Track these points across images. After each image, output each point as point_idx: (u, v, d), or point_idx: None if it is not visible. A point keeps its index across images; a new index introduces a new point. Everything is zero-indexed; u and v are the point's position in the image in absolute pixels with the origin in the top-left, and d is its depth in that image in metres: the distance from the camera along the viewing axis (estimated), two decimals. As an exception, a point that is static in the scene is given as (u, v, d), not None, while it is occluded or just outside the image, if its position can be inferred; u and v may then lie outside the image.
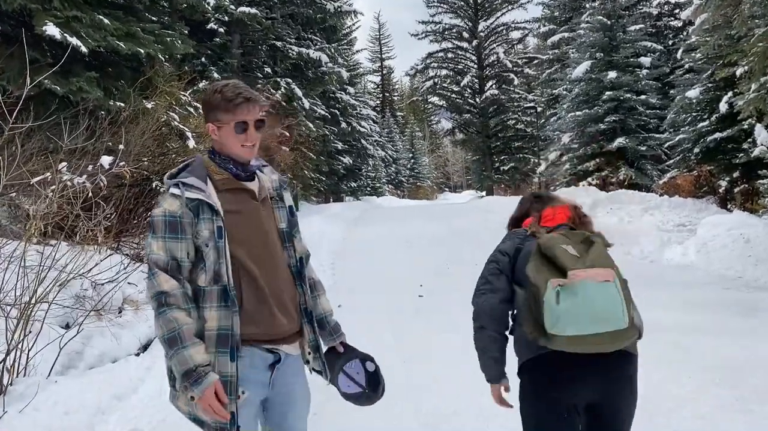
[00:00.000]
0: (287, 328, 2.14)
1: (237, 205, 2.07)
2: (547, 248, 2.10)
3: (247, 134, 2.05)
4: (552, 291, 1.99)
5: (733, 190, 15.24)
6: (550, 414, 2.18)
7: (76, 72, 8.44)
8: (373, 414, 3.90)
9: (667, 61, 20.09)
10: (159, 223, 1.99)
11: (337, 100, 26.28)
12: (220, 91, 2.05)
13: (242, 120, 2.03)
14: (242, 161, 2.09)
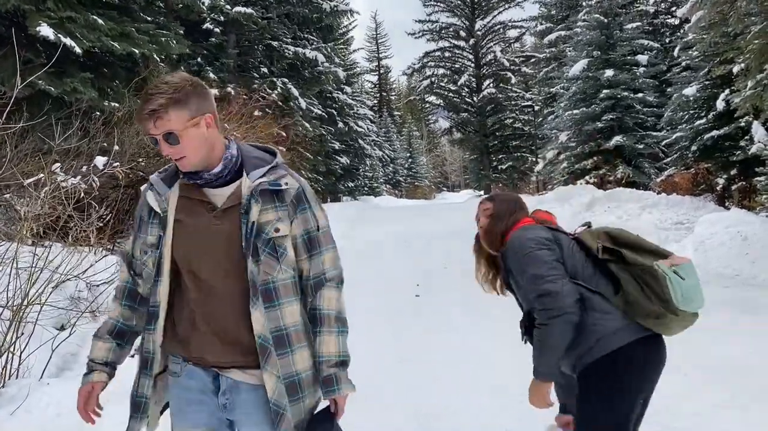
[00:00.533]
0: (230, 358, 1.86)
1: (186, 215, 1.87)
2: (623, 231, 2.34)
3: (162, 147, 1.80)
4: (670, 269, 2.12)
5: (730, 187, 15.25)
6: (637, 398, 2.18)
7: (71, 73, 8.42)
8: (371, 413, 3.88)
9: (664, 59, 20.08)
10: (136, 217, 1.98)
11: (334, 100, 26.25)
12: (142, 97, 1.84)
13: (151, 135, 1.80)
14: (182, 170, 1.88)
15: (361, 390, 4.50)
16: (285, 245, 1.86)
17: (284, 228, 1.86)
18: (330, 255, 1.94)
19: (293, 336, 1.86)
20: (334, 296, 1.91)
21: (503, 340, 5.21)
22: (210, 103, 1.85)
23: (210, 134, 1.82)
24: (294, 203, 1.88)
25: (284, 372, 1.83)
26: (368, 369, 4.80)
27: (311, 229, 1.90)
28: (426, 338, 5.55)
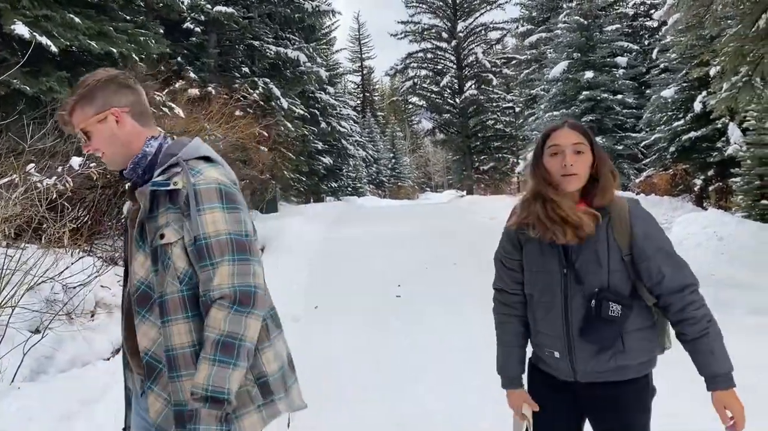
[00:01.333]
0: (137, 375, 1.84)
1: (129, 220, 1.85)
2: None
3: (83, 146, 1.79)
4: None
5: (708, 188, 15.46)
6: None
7: (47, 71, 8.30)
8: (346, 415, 3.88)
9: (643, 61, 20.32)
10: None
11: (316, 100, 26.16)
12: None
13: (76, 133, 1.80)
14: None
15: (339, 389, 4.51)
16: (170, 254, 1.65)
17: (170, 235, 1.66)
18: (225, 270, 1.62)
19: (180, 359, 1.64)
20: (220, 317, 1.59)
21: (482, 341, 5.23)
22: (121, 98, 1.76)
23: (122, 129, 1.75)
24: (186, 204, 1.65)
25: (174, 399, 1.64)
26: (347, 369, 4.80)
27: (199, 237, 1.63)
28: (405, 338, 5.55)
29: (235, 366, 1.59)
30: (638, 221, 1.88)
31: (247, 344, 1.62)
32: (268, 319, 1.82)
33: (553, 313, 1.95)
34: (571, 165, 1.89)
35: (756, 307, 6.05)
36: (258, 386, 1.74)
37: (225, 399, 1.57)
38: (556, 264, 1.93)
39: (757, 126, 11.92)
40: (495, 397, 3.96)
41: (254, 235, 1.76)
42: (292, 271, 9.18)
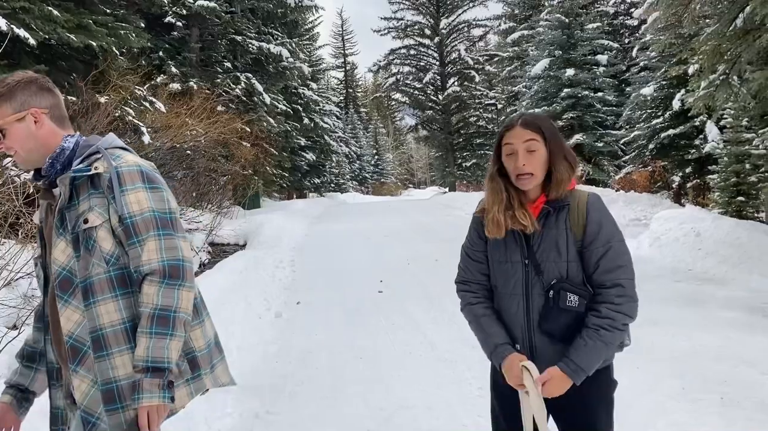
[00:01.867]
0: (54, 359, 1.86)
1: (45, 220, 1.87)
2: None
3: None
4: None
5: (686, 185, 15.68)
6: None
7: (24, 64, 8.18)
8: (325, 409, 3.90)
9: (623, 59, 20.54)
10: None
11: (299, 96, 26.05)
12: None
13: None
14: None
15: (319, 383, 4.52)
16: (95, 237, 1.71)
17: (94, 218, 1.71)
18: (151, 245, 1.70)
19: (110, 337, 1.69)
20: (152, 292, 1.67)
21: (463, 336, 5.27)
22: (42, 100, 1.79)
23: (40, 130, 1.77)
24: (109, 187, 1.72)
25: (102, 378, 1.69)
26: (327, 363, 4.81)
27: (125, 216, 1.70)
28: (385, 334, 5.57)
29: (171, 337, 1.66)
30: (593, 212, 1.91)
31: (182, 314, 1.69)
32: (198, 298, 1.88)
33: (515, 304, 1.97)
34: (523, 165, 1.91)
35: (730, 302, 6.16)
36: (187, 361, 1.82)
37: (165, 368, 1.65)
38: (518, 255, 1.96)
39: (734, 124, 12.11)
40: (474, 392, 4.01)
41: (177, 212, 1.81)
42: (274, 267, 9.15)
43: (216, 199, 14.09)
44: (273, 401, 4.07)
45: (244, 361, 4.83)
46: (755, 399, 3.73)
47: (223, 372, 1.97)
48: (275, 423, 3.73)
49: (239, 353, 5.01)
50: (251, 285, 7.65)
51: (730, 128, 12.24)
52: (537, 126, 1.93)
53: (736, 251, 7.85)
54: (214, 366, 1.92)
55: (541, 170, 1.92)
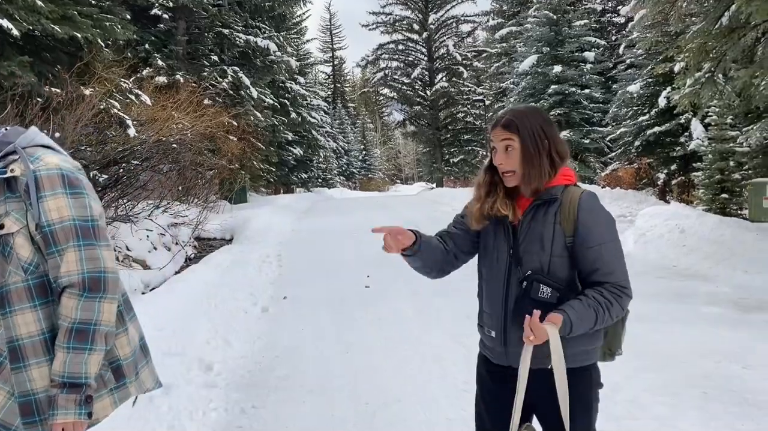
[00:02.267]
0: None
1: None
2: None
3: None
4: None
5: (671, 182, 15.82)
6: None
7: (8, 55, 8.07)
8: (312, 403, 3.90)
9: (610, 56, 20.65)
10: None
11: (287, 90, 25.94)
12: None
13: None
14: None
15: (305, 378, 4.51)
16: (12, 244, 1.61)
17: (11, 224, 1.61)
18: (71, 256, 1.61)
19: (28, 348, 1.62)
20: (71, 305, 1.60)
21: (448, 331, 5.29)
22: None
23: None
24: (26, 192, 1.62)
25: (19, 390, 1.62)
26: (313, 358, 4.81)
27: (43, 224, 1.61)
28: (372, 329, 5.57)
29: (90, 351, 1.60)
30: (583, 213, 1.89)
31: (102, 328, 1.63)
32: (122, 305, 1.80)
33: (495, 292, 1.99)
34: (500, 164, 1.95)
35: (713, 298, 6.24)
36: (111, 370, 1.76)
37: (83, 383, 1.59)
38: (505, 244, 1.97)
39: (719, 122, 12.23)
40: (459, 386, 4.03)
41: (102, 219, 1.73)
42: (260, 262, 9.12)
43: (202, 193, 13.99)
44: (258, 395, 4.06)
45: (229, 356, 4.82)
46: (736, 393, 3.78)
47: (148, 376, 1.89)
48: (260, 417, 3.73)
49: (225, 347, 4.99)
50: (237, 280, 7.62)
51: (714, 125, 12.36)
52: (515, 126, 1.93)
53: (719, 248, 7.94)
54: (139, 372, 1.85)
55: (521, 166, 1.93)
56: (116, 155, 9.35)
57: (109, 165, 8.83)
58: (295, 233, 12.99)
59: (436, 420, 3.57)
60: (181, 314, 5.50)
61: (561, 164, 1.95)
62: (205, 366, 4.48)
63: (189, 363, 4.43)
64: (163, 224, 10.76)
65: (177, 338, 4.85)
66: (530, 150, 1.91)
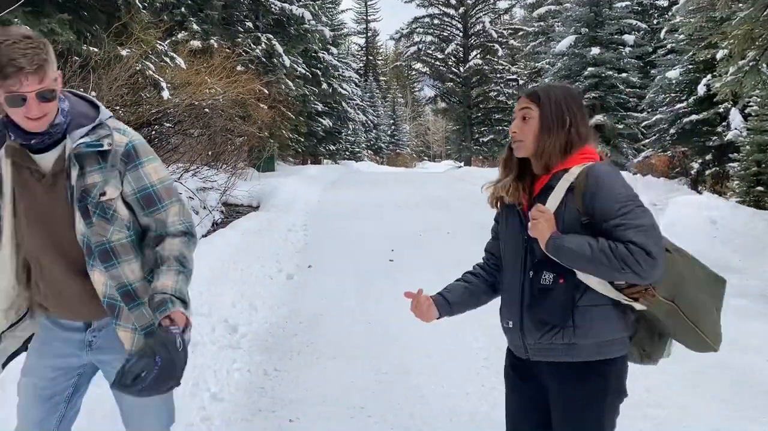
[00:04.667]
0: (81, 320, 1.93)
1: (18, 179, 1.80)
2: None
3: (28, 106, 1.66)
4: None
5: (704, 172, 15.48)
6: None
7: (48, 13, 8.16)
8: (333, 370, 3.96)
9: (650, 40, 20.10)
10: None
11: (319, 60, 25.84)
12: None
13: (16, 93, 1.63)
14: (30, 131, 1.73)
15: (326, 345, 4.57)
16: (115, 207, 1.82)
17: (111, 191, 1.81)
18: (173, 209, 1.89)
19: (140, 289, 1.87)
20: (177, 242, 1.87)
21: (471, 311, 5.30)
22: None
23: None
24: (124, 161, 1.82)
25: (140, 323, 1.86)
26: (334, 328, 4.87)
27: (146, 186, 1.85)
28: (394, 301, 5.58)
29: (189, 278, 1.87)
30: (591, 178, 1.75)
31: (191, 267, 1.90)
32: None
33: (513, 280, 1.92)
34: (513, 132, 1.88)
35: (743, 290, 6.13)
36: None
37: (186, 302, 1.83)
38: (517, 231, 1.90)
39: (760, 112, 11.89)
40: (480, 362, 4.05)
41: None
42: (286, 230, 9.21)
43: (231, 159, 14.10)
44: (281, 359, 4.14)
45: (254, 319, 4.91)
46: (762, 386, 3.74)
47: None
48: (282, 380, 3.80)
49: (250, 311, 5.08)
50: (264, 247, 7.71)
51: (755, 116, 12.02)
52: (537, 96, 1.86)
53: (751, 241, 7.79)
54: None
55: (535, 138, 1.84)
56: (149, 116, 9.46)
57: (141, 126, 8.93)
58: (322, 204, 13.06)
59: (456, 393, 3.61)
60: (208, 277, 5.60)
61: (578, 145, 1.84)
62: (231, 327, 4.57)
63: (214, 324, 4.53)
64: (192, 187, 10.90)
65: (203, 299, 4.95)
66: (548, 122, 1.83)
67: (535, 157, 1.85)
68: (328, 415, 3.34)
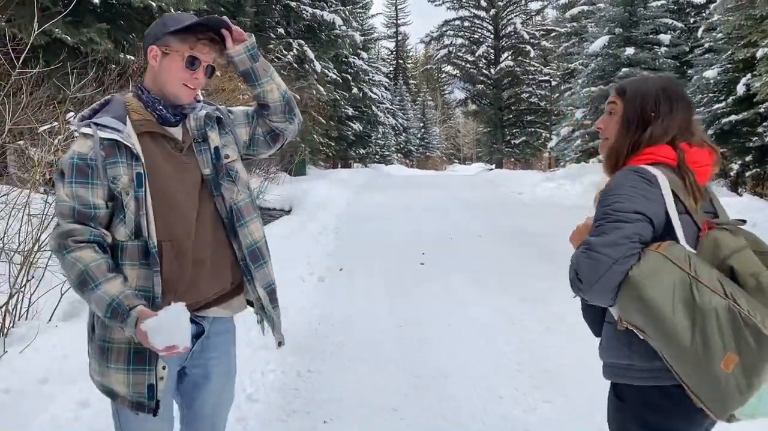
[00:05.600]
0: (215, 291, 1.92)
1: (155, 152, 1.81)
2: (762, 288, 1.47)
3: (196, 73, 1.82)
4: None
5: (744, 174, 15.10)
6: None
7: (87, 23, 8.41)
8: (365, 372, 3.98)
9: (687, 39, 19.69)
10: (67, 167, 1.74)
11: (349, 65, 25.99)
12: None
13: (196, 56, 1.80)
14: (178, 102, 1.84)
15: (359, 347, 4.59)
16: (236, 168, 1.95)
17: (232, 153, 1.96)
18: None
19: (263, 247, 2.00)
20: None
21: (502, 310, 5.27)
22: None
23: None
24: (228, 126, 1.99)
25: (264, 282, 1.99)
26: (367, 329, 4.89)
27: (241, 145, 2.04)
28: (425, 304, 5.61)
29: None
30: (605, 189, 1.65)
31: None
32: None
33: None
34: (599, 128, 1.80)
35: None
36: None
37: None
38: None
39: (801, 112, 11.55)
40: (513, 366, 4.03)
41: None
42: (317, 233, 9.28)
43: (264, 164, 14.29)
44: (314, 360, 4.18)
45: (286, 321, 4.95)
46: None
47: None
48: (316, 381, 3.83)
49: (283, 313, 5.11)
50: (296, 250, 7.78)
51: (796, 116, 11.69)
52: (623, 89, 1.74)
53: (793, 244, 7.56)
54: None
55: (615, 135, 1.73)
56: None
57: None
58: (352, 208, 13.12)
59: (488, 397, 3.59)
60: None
61: (647, 144, 1.67)
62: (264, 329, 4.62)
63: (249, 326, 4.58)
64: (226, 191, 11.06)
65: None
66: (628, 117, 1.70)
67: (606, 156, 1.74)
68: (362, 417, 3.36)
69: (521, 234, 9.16)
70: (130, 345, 1.77)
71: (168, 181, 1.81)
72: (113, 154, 1.74)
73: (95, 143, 1.73)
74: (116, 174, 1.74)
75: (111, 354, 1.78)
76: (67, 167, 1.74)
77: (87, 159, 1.73)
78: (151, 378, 1.77)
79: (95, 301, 1.68)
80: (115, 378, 1.78)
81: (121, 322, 1.66)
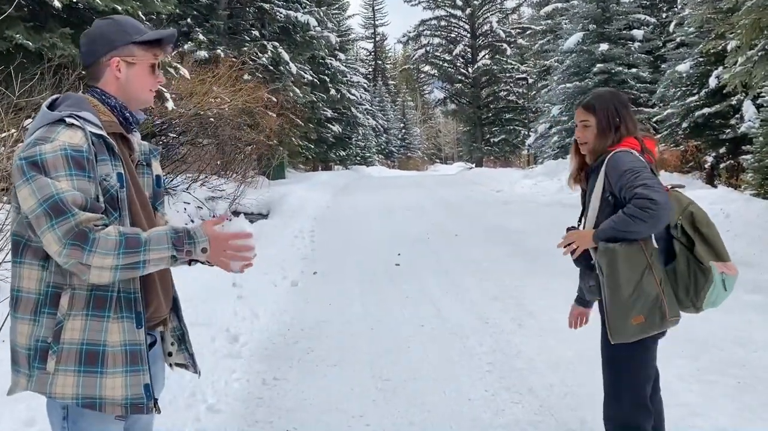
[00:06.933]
0: (164, 310, 1.89)
1: (125, 155, 1.77)
2: (709, 226, 2.33)
3: (159, 76, 1.82)
4: (720, 276, 2.28)
5: (719, 166, 15.23)
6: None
7: (50, 28, 8.21)
8: (333, 378, 3.89)
9: (659, 34, 19.86)
10: (60, 158, 1.55)
11: (326, 66, 25.86)
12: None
13: (157, 62, 1.81)
14: (146, 106, 1.85)
15: (329, 352, 4.51)
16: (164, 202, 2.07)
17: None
18: None
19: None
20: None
21: (476, 312, 5.22)
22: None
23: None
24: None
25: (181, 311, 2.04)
26: (338, 333, 4.80)
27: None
28: (399, 306, 5.54)
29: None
30: (610, 162, 2.31)
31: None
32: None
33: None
34: (578, 137, 2.46)
35: (757, 285, 5.97)
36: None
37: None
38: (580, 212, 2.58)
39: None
40: (484, 367, 3.97)
41: None
42: (293, 237, 9.17)
43: (241, 168, 14.13)
44: (281, 368, 4.08)
45: (256, 328, 4.85)
46: (774, 384, 3.61)
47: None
48: (281, 389, 3.74)
49: (252, 319, 5.03)
50: (269, 254, 7.66)
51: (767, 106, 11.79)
52: (592, 106, 2.39)
53: (766, 234, 7.61)
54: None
55: (593, 140, 2.40)
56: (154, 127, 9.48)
57: (146, 137, 8.95)
58: (330, 210, 13.03)
59: (458, 400, 3.52)
60: (210, 285, 5.55)
61: (625, 135, 2.36)
62: (231, 337, 4.52)
63: (215, 334, 4.48)
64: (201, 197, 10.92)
65: (204, 308, 4.91)
66: (603, 127, 2.36)
67: (590, 151, 2.42)
68: (326, 424, 3.27)
69: (497, 232, 9.14)
70: (125, 347, 1.66)
71: (136, 185, 1.80)
72: (102, 151, 1.65)
73: (87, 135, 1.60)
74: (107, 172, 1.65)
75: (106, 358, 1.64)
76: (60, 158, 1.55)
77: (83, 152, 1.58)
78: (146, 377, 1.70)
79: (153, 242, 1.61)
80: (110, 383, 1.64)
81: (188, 240, 1.65)
